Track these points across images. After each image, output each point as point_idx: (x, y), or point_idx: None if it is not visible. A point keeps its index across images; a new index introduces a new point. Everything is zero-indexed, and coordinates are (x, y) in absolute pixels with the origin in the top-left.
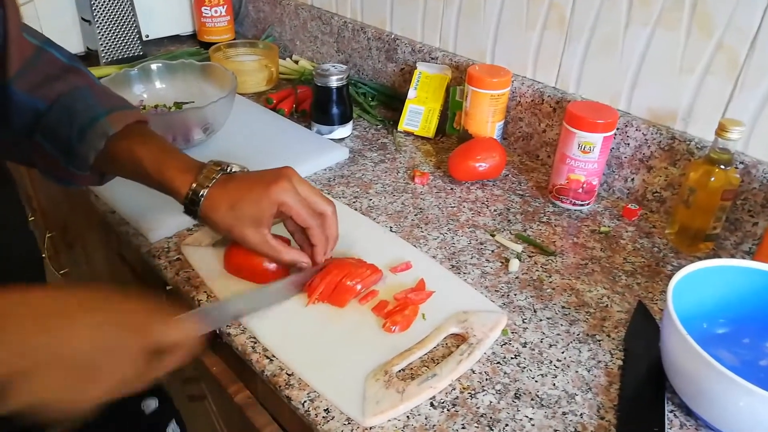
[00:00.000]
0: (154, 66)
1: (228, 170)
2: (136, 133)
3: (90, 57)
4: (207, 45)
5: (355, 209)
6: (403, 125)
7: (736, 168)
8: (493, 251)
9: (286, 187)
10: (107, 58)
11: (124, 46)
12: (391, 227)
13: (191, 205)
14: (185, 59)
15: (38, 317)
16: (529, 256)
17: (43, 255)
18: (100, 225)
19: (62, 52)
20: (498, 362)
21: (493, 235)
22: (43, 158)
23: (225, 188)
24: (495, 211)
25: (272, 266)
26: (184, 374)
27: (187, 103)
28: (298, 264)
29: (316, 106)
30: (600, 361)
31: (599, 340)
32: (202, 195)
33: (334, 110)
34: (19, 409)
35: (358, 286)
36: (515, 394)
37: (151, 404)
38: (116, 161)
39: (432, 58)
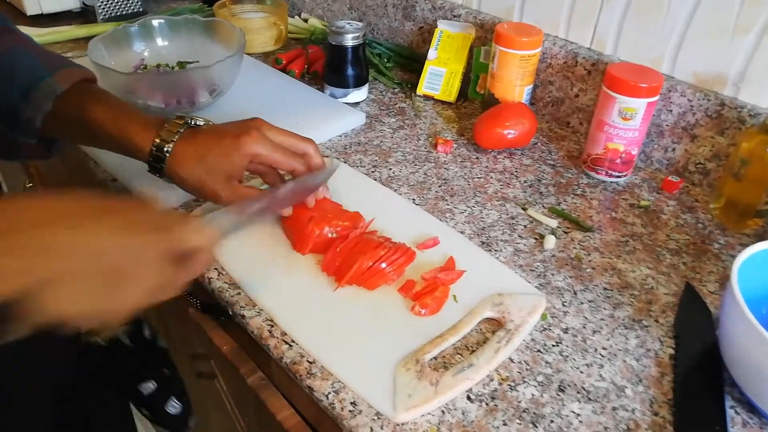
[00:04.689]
0: (155, 22)
1: (192, 123)
2: (87, 91)
3: (87, 13)
4: (210, 2)
5: (375, 179)
6: (422, 89)
7: None
8: (525, 226)
9: (257, 138)
10: (105, 15)
11: (123, 2)
12: (414, 199)
13: (156, 162)
14: (189, 15)
15: (60, 218)
16: (565, 232)
17: None
18: (101, 193)
19: None
20: (538, 350)
21: (524, 209)
22: None
23: (192, 142)
24: (525, 182)
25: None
26: (192, 350)
27: (191, 62)
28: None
29: (330, 66)
30: (649, 350)
31: (647, 326)
32: (167, 150)
33: (349, 71)
34: (48, 321)
35: (389, 269)
36: (559, 386)
37: (149, 386)
38: (67, 123)
39: (454, 16)
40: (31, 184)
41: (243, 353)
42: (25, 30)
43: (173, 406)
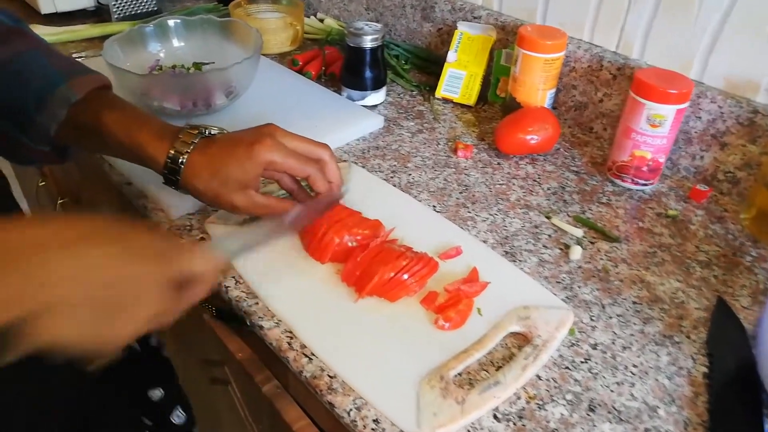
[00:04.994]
0: (171, 22)
1: (206, 133)
2: (101, 99)
3: (101, 12)
4: (225, 1)
5: (394, 185)
6: (441, 91)
7: None
8: (550, 236)
9: (271, 145)
10: (119, 14)
11: (138, 1)
12: (434, 206)
13: (171, 174)
14: (204, 15)
15: (61, 244)
16: (591, 242)
17: None
18: (115, 196)
19: (2, 12)
20: (566, 367)
21: (548, 218)
22: None
23: (206, 153)
24: (549, 189)
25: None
26: (205, 355)
27: (207, 63)
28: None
29: (348, 68)
30: (681, 368)
31: (678, 343)
32: (182, 162)
33: (368, 74)
34: (43, 347)
35: (411, 281)
36: (589, 405)
37: (157, 393)
38: (81, 131)
39: (474, 18)
40: (43, 183)
41: (258, 361)
42: (40, 29)
43: (178, 416)
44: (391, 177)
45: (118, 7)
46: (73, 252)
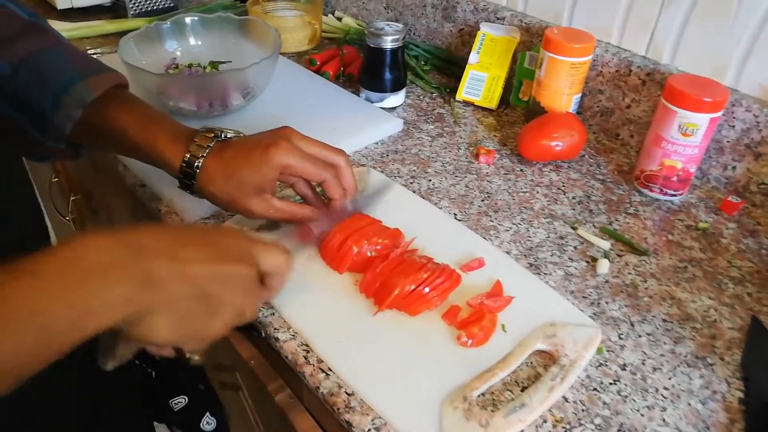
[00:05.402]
0: (188, 19)
1: (222, 136)
2: (118, 99)
3: (117, 8)
4: None
5: (414, 191)
6: (462, 94)
7: None
8: (576, 248)
9: (287, 149)
10: (135, 10)
11: None
12: (455, 214)
13: (186, 178)
14: (222, 13)
15: (166, 248)
16: (619, 255)
17: (67, 218)
18: (129, 197)
19: (20, 7)
20: (595, 389)
21: (574, 228)
22: (11, 129)
23: (221, 157)
24: (574, 198)
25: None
26: (216, 360)
27: (224, 62)
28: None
29: (367, 69)
30: (716, 392)
31: (711, 364)
32: (197, 166)
33: (387, 75)
34: (154, 344)
35: (432, 294)
36: (619, 430)
37: (180, 401)
38: (96, 131)
39: (498, 19)
40: (56, 179)
41: (271, 369)
42: (55, 24)
43: (208, 423)
44: (411, 182)
45: (134, 3)
46: (171, 255)
